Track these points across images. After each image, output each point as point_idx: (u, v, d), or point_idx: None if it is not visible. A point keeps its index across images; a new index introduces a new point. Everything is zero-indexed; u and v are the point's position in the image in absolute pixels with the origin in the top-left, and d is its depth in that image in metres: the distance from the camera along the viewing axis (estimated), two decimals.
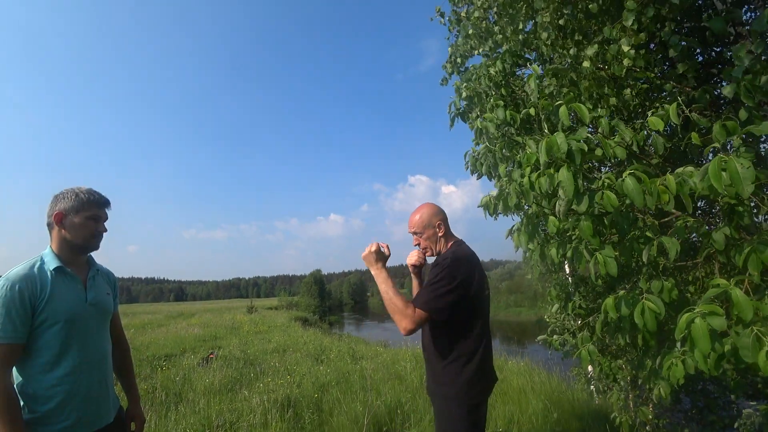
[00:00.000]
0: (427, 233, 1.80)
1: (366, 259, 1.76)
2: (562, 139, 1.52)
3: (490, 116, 2.24)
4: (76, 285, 1.44)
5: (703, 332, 1.24)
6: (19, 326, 1.27)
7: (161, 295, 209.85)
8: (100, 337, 1.50)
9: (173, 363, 7.24)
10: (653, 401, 3.11)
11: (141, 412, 1.73)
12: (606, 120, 1.70)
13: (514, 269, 45.50)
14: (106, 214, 1.54)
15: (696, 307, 1.29)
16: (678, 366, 1.51)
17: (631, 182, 1.44)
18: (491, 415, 3.80)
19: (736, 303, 1.25)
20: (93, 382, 1.43)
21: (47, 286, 1.34)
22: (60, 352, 1.35)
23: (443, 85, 3.47)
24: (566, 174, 1.51)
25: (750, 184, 1.17)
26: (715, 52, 2.54)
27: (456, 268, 1.61)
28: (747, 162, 1.19)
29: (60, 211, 1.42)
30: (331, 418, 3.90)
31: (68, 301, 1.39)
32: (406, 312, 1.56)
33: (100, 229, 1.51)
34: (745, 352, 1.22)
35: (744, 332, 1.24)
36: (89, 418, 1.41)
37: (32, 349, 1.32)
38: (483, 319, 1.70)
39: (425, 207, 1.84)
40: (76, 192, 1.46)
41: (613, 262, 1.61)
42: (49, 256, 1.42)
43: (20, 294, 1.28)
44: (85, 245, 1.49)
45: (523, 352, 7.81)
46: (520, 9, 2.32)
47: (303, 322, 21.05)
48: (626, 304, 1.59)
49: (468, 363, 1.64)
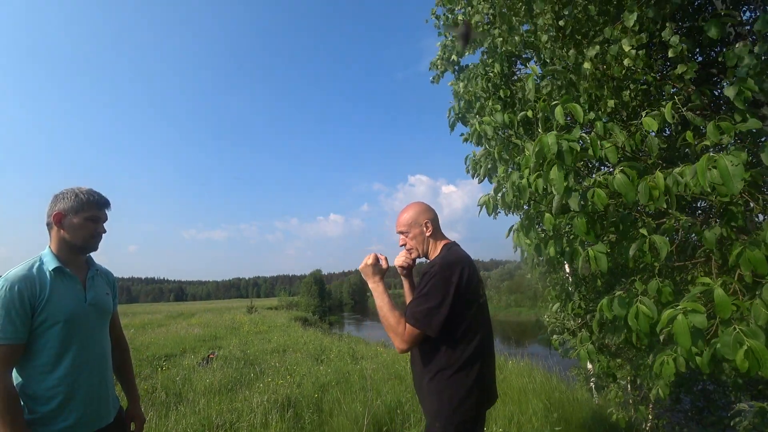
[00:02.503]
0: (413, 232, 1.69)
1: (363, 271, 1.66)
2: (553, 139, 1.54)
3: (488, 119, 2.24)
4: (75, 285, 1.44)
5: (684, 329, 1.26)
6: (19, 327, 1.27)
7: (161, 295, 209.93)
8: (100, 337, 1.50)
9: (173, 363, 7.24)
10: (652, 401, 3.12)
11: (141, 412, 1.72)
12: (601, 123, 1.71)
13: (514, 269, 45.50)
14: (106, 215, 1.53)
15: (679, 304, 1.32)
16: (669, 364, 1.52)
17: (622, 178, 1.47)
18: (491, 415, 3.80)
19: (717, 302, 1.28)
20: (93, 382, 1.43)
21: (46, 287, 1.34)
22: (60, 352, 1.35)
23: (435, 83, 3.46)
24: (556, 172, 1.55)
25: (739, 180, 1.18)
26: (715, 53, 2.55)
27: (447, 276, 1.49)
28: (737, 159, 1.20)
29: (59, 211, 1.42)
30: (331, 419, 3.91)
31: (67, 301, 1.38)
32: (398, 330, 1.47)
33: (100, 230, 1.50)
34: (726, 350, 1.25)
35: (726, 331, 1.27)
36: (89, 418, 1.41)
37: (32, 350, 1.32)
38: (479, 328, 1.56)
39: (413, 205, 1.74)
40: (76, 192, 1.45)
41: (604, 257, 1.62)
42: (48, 257, 1.41)
43: (20, 295, 1.28)
44: (84, 246, 1.48)
45: (523, 352, 7.80)
46: (519, 11, 2.32)
47: (303, 322, 21.06)
48: (621, 305, 1.61)
49: (457, 379, 1.49)
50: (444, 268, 1.52)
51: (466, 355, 1.51)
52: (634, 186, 1.46)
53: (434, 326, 1.46)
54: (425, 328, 1.47)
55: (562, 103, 1.69)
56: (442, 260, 1.56)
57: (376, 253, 1.69)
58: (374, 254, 1.68)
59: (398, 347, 1.50)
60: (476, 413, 1.52)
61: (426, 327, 1.47)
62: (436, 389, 1.52)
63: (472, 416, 1.50)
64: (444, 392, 1.50)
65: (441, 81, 3.46)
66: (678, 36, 1.92)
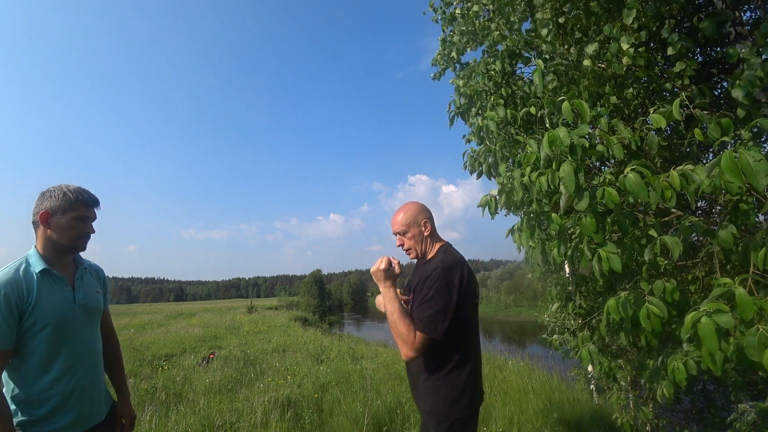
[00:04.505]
0: (412, 232, 1.66)
1: (375, 275, 1.61)
2: (565, 133, 1.50)
3: (491, 114, 2.22)
4: (64, 287, 1.39)
5: (710, 331, 1.21)
6: (6, 332, 1.24)
7: (161, 295, 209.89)
8: (91, 337, 1.47)
9: (173, 363, 7.24)
10: (654, 401, 3.11)
11: (131, 408, 1.69)
12: (605, 119, 1.69)
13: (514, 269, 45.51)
14: (95, 214, 1.47)
15: (701, 306, 1.28)
16: (680, 368, 1.50)
17: (634, 177, 1.41)
18: (491, 415, 3.80)
19: (739, 301, 1.23)
20: (86, 383, 1.41)
21: (33, 290, 1.30)
22: (50, 355, 1.32)
23: (436, 80, 3.44)
24: (568, 169, 1.48)
25: (764, 176, 1.14)
26: (715, 52, 2.55)
27: (449, 280, 1.49)
28: (758, 154, 1.17)
29: (46, 210, 1.36)
30: (331, 419, 3.90)
31: (56, 303, 1.34)
32: (408, 338, 1.45)
33: (88, 231, 1.45)
34: (751, 351, 1.20)
35: (750, 331, 1.22)
36: (83, 418, 1.40)
37: (21, 354, 1.29)
38: (470, 330, 1.57)
39: (409, 205, 1.72)
40: (64, 190, 1.39)
41: (617, 258, 1.58)
42: (34, 257, 1.36)
43: (6, 299, 1.24)
44: (72, 246, 1.43)
45: (523, 352, 7.80)
46: (518, 6, 2.31)
47: (303, 322, 21.04)
48: (628, 305, 1.57)
49: (451, 378, 1.51)
50: (446, 271, 1.51)
51: (460, 354, 1.52)
52: (645, 185, 1.42)
53: (441, 331, 1.45)
54: (433, 333, 1.45)
55: (569, 99, 1.66)
56: (443, 263, 1.54)
57: (389, 257, 1.64)
58: (387, 258, 1.63)
59: (407, 355, 1.47)
60: (470, 412, 1.53)
61: (434, 332, 1.45)
62: (432, 389, 1.53)
63: (465, 415, 1.51)
64: (439, 392, 1.51)
65: (442, 79, 3.45)
66: (677, 34, 1.92)
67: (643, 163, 1.49)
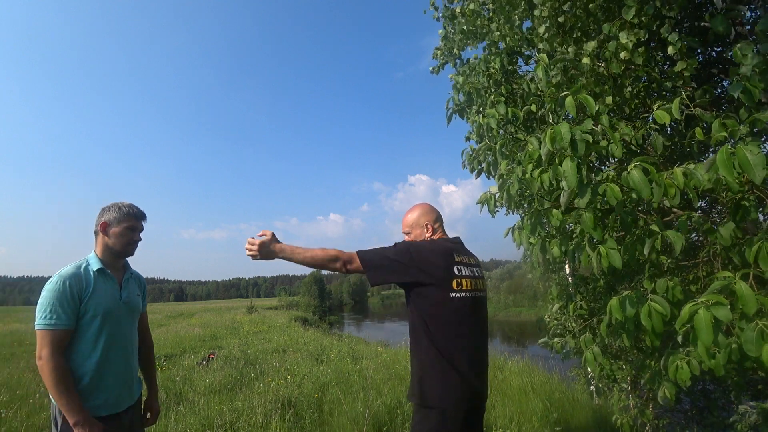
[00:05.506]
0: (414, 233, 1.74)
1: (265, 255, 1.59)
2: (566, 128, 1.49)
3: (492, 112, 2.21)
4: (114, 285, 1.67)
5: (707, 323, 1.19)
6: (70, 315, 1.51)
7: (161, 295, 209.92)
8: (130, 331, 1.73)
9: (173, 363, 7.24)
10: (654, 402, 3.10)
11: (157, 404, 1.91)
12: (606, 117, 1.68)
13: (514, 269, 45.46)
14: (142, 225, 1.77)
15: (700, 298, 1.25)
16: (684, 368, 1.48)
17: (638, 174, 1.40)
18: (491, 415, 3.79)
19: (741, 296, 1.21)
20: (119, 369, 1.64)
21: (91, 284, 1.58)
22: (96, 340, 1.57)
23: (435, 74, 3.42)
24: (569, 164, 1.47)
25: (762, 170, 1.13)
26: (716, 52, 2.54)
27: (407, 247, 1.57)
28: (756, 149, 1.15)
29: (105, 221, 1.67)
30: (331, 419, 3.90)
31: (106, 298, 1.61)
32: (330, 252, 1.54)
33: (136, 239, 1.74)
34: (749, 347, 1.18)
35: (749, 326, 1.20)
36: (114, 400, 1.61)
37: (74, 337, 1.54)
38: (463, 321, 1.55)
39: (417, 207, 1.79)
40: (119, 205, 1.71)
41: (617, 254, 1.56)
42: (93, 259, 1.65)
43: (70, 289, 1.52)
44: (123, 251, 1.71)
45: (523, 352, 7.79)
46: (518, 4, 2.31)
47: (303, 322, 21.04)
48: (631, 304, 1.54)
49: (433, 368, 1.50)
50: (409, 242, 1.63)
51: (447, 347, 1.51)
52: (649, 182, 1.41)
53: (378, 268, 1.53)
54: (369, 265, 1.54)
55: (572, 94, 1.64)
56: (412, 240, 1.66)
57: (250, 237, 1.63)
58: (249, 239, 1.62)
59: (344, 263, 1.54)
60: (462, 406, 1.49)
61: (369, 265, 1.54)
62: (418, 375, 1.56)
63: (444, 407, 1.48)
64: (422, 381, 1.53)
65: (442, 77, 3.43)
66: (677, 33, 1.91)
67: (647, 159, 1.47)
